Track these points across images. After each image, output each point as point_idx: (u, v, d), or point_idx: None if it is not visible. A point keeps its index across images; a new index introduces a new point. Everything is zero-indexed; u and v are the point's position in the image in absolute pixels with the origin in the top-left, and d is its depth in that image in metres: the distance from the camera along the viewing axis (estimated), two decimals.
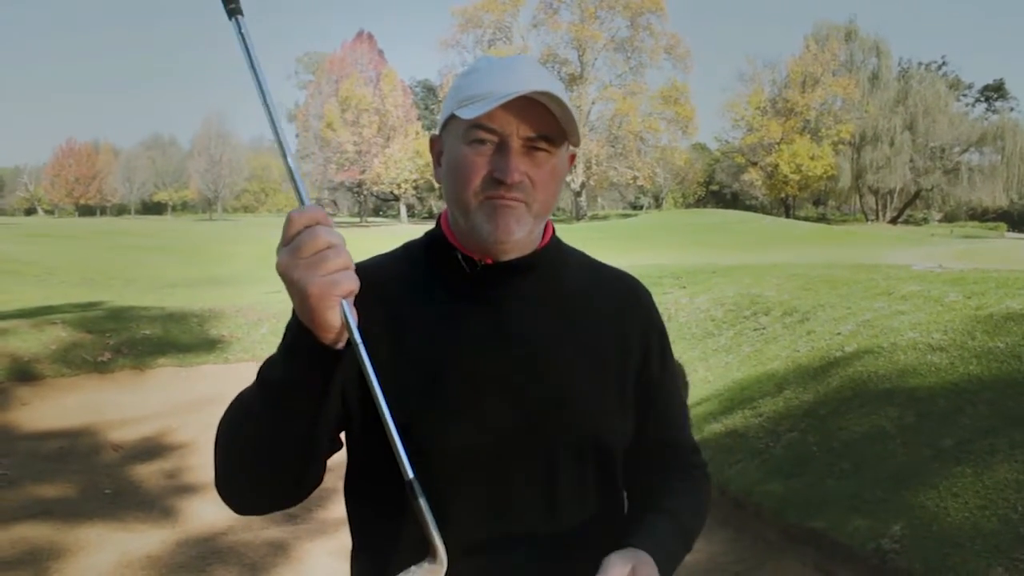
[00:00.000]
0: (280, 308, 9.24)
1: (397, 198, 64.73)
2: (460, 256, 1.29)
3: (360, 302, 1.06)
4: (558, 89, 1.21)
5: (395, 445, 1.07)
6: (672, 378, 1.45)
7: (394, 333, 1.26)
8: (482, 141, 1.21)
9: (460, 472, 1.22)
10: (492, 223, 1.22)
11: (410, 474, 1.05)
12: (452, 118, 1.25)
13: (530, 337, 1.28)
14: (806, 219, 57.34)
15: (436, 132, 1.34)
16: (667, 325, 1.68)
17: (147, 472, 5.67)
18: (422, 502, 1.05)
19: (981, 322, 5.71)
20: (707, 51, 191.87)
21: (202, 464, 5.76)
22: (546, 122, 1.22)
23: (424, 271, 1.32)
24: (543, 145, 1.23)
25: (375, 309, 1.21)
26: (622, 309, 1.38)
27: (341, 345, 1.06)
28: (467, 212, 1.24)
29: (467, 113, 1.18)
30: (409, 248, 1.39)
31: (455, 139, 1.25)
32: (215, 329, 8.62)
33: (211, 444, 1.25)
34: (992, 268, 9.46)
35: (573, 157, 1.38)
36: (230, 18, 1.05)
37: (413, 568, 1.05)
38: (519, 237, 1.25)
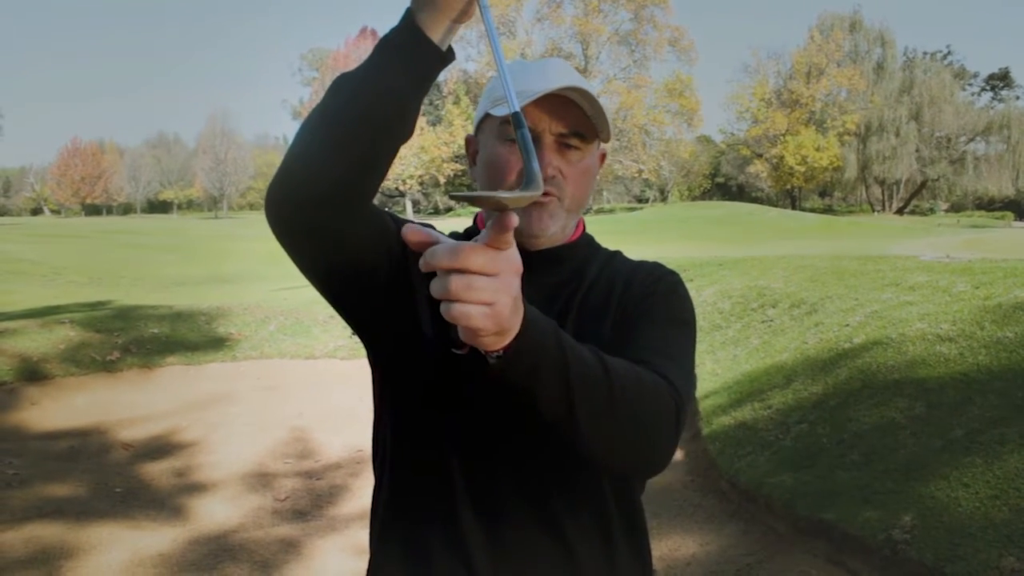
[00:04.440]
0: (287, 306, 9.26)
1: (403, 194, 64.68)
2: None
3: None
4: (587, 86, 1.25)
5: (507, 83, 1.05)
6: (664, 317, 1.29)
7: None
8: (515, 139, 1.22)
9: (461, 455, 1.26)
10: (526, 218, 1.26)
11: (516, 107, 1.03)
12: (487, 117, 1.31)
13: None
14: (812, 210, 57.11)
15: (472, 133, 1.38)
16: None
17: (157, 471, 5.68)
18: (525, 132, 1.03)
19: (990, 312, 5.69)
20: (711, 43, 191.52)
21: (212, 462, 5.78)
22: (577, 119, 1.26)
23: None
24: (575, 142, 1.27)
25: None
26: (638, 288, 1.33)
27: (445, 45, 1.10)
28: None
29: (501, 111, 1.22)
30: (453, 234, 1.41)
31: (490, 137, 1.30)
32: (222, 327, 8.64)
33: (220, 442, 1.25)
34: (1000, 257, 9.42)
35: (604, 155, 1.41)
36: None
37: (515, 191, 1.04)
38: (552, 232, 1.28)
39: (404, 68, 1.07)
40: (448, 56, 1.11)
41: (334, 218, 1.10)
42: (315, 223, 1.10)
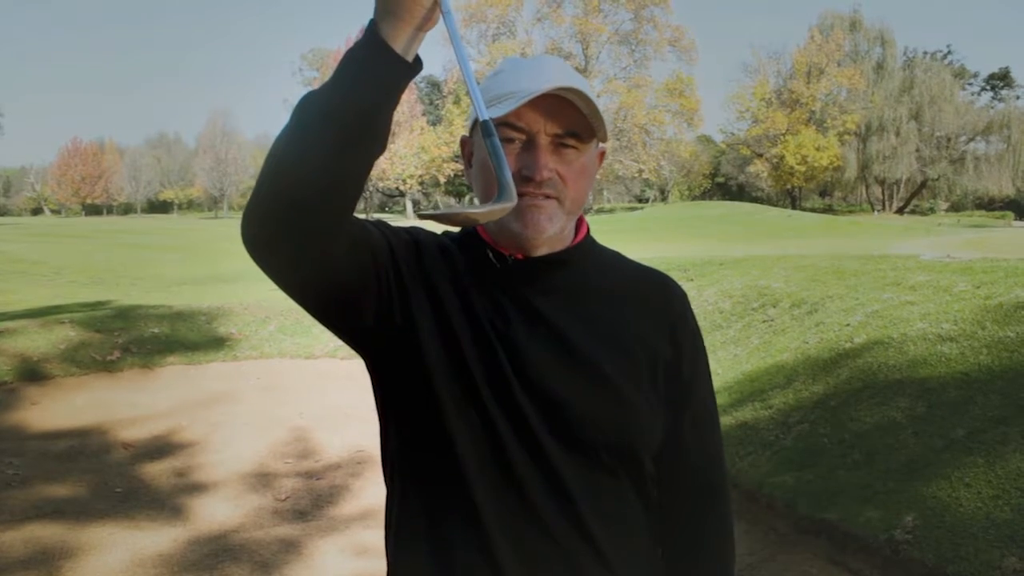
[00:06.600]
0: (287, 305, 9.24)
1: (403, 194, 64.73)
2: (491, 252, 1.29)
3: (431, 257, 1.26)
4: (583, 85, 1.22)
5: (473, 90, 1.06)
6: (705, 386, 1.42)
7: (442, 302, 1.26)
8: (510, 140, 1.21)
9: (478, 461, 1.22)
10: (522, 221, 1.22)
11: (484, 115, 1.03)
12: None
13: (557, 332, 1.27)
14: (812, 210, 57.13)
15: (466, 134, 1.34)
16: None
17: (157, 471, 5.68)
18: (495, 141, 1.03)
19: (991, 311, 5.68)
20: (711, 43, 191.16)
21: (212, 462, 5.77)
22: (573, 119, 1.23)
23: (461, 262, 1.31)
24: (571, 142, 1.24)
25: (441, 268, 1.28)
26: (653, 306, 1.36)
27: (411, 54, 1.06)
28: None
29: (494, 112, 1.17)
30: (448, 237, 1.38)
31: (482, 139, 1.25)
32: (223, 327, 8.63)
33: (220, 442, 1.22)
34: (1000, 257, 9.41)
35: (603, 154, 1.38)
36: None
37: (486, 204, 1.02)
38: (551, 234, 1.25)
39: (367, 82, 1.03)
40: (415, 66, 1.07)
41: (313, 233, 1.07)
42: (296, 233, 1.06)
